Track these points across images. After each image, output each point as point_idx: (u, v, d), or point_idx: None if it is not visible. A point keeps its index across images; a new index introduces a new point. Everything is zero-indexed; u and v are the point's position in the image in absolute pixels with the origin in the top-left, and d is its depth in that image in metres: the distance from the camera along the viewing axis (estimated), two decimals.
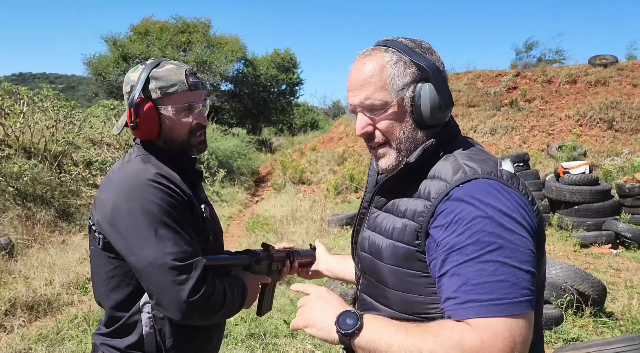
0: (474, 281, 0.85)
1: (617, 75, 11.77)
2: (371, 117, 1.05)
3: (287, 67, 27.03)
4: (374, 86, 1.03)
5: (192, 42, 23.64)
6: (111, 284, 1.26)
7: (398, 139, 1.05)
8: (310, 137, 18.73)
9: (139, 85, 1.25)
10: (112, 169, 1.31)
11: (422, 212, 0.97)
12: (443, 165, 1.01)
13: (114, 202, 1.18)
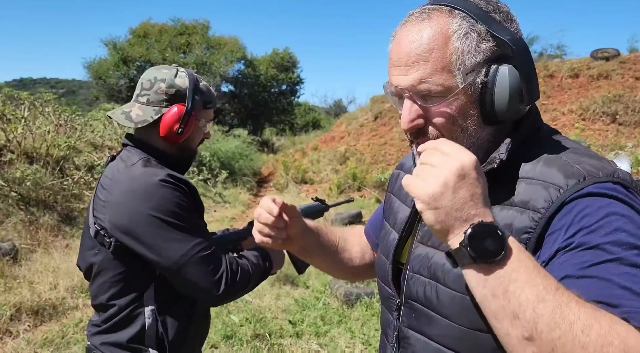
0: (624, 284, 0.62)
1: (619, 68, 11.70)
2: (424, 105, 0.79)
3: (286, 66, 27.04)
4: (432, 65, 0.76)
5: (192, 44, 23.67)
6: (118, 285, 1.27)
7: (457, 137, 0.79)
8: (311, 136, 18.71)
9: (190, 94, 1.32)
10: (112, 171, 1.30)
11: (527, 227, 0.72)
12: (543, 164, 0.77)
13: (132, 207, 1.20)
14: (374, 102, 15.58)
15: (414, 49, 0.77)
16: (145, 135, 1.34)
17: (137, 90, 1.35)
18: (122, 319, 1.27)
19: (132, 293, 1.27)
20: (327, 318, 4.06)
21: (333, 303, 4.35)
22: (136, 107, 1.32)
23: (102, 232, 1.24)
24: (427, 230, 0.86)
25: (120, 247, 1.23)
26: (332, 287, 4.55)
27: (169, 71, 1.34)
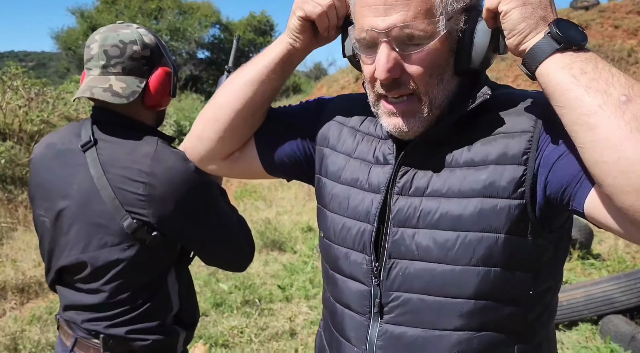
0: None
1: (598, 17, 11.64)
2: (402, 53, 0.73)
3: (264, 30, 26.40)
4: (416, 6, 0.70)
5: (163, 9, 22.84)
6: (147, 273, 1.22)
7: (434, 89, 0.76)
8: (292, 101, 18.45)
9: (165, 51, 1.24)
10: (120, 158, 1.16)
11: (524, 149, 0.73)
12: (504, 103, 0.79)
13: (178, 199, 1.15)
14: None
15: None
16: (125, 108, 1.19)
17: (101, 60, 1.16)
18: (151, 305, 1.24)
19: (159, 279, 1.25)
20: (316, 281, 4.09)
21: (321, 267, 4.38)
22: (113, 80, 1.16)
23: (144, 227, 1.15)
24: (405, 181, 0.81)
25: (162, 239, 1.18)
26: (319, 250, 4.57)
27: (131, 30, 1.19)
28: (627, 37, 10.69)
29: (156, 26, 21.87)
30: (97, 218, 1.16)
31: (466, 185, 0.76)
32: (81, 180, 1.17)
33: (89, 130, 1.19)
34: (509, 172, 0.74)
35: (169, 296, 1.26)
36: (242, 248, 1.30)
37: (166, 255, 1.24)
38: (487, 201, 0.75)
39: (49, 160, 1.24)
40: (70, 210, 1.19)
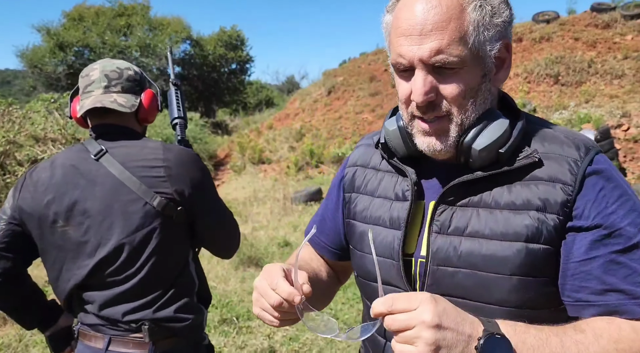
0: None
1: (559, 30, 12.10)
2: (438, 77, 0.78)
3: (235, 45, 26.38)
4: (450, 34, 0.75)
5: (132, 26, 22.61)
6: (176, 256, 1.41)
7: (467, 111, 0.80)
8: (266, 115, 18.47)
9: (149, 78, 1.52)
10: (132, 155, 1.37)
11: (564, 200, 0.77)
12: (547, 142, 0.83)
13: (191, 175, 1.40)
14: (327, 76, 15.49)
15: (430, 17, 0.75)
16: (122, 121, 1.44)
17: (102, 83, 1.41)
18: (181, 283, 1.41)
19: (184, 257, 1.43)
20: None
21: None
22: (116, 96, 1.40)
23: (170, 203, 1.35)
24: (444, 217, 0.84)
25: (185, 213, 1.38)
26: None
27: (122, 62, 1.47)
28: (586, 49, 11.13)
29: (125, 43, 21.62)
30: (126, 206, 1.34)
31: (510, 229, 0.78)
32: (102, 181, 1.35)
33: (94, 143, 1.39)
34: (552, 220, 0.77)
35: (192, 273, 1.45)
36: (238, 234, 1.55)
37: (187, 233, 1.44)
38: (532, 246, 0.77)
39: (63, 177, 1.37)
40: (97, 210, 1.34)
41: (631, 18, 11.51)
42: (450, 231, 0.83)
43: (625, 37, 11.13)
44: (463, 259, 0.81)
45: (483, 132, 0.81)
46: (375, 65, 14.38)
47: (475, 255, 0.80)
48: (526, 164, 0.79)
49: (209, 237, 1.50)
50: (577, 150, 0.80)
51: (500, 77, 0.84)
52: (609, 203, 0.75)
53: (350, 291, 4.07)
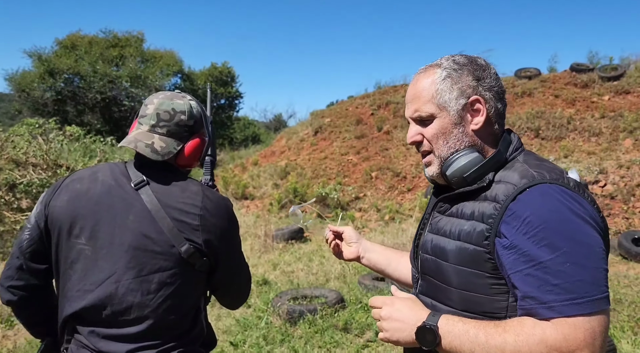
0: (553, 282, 0.90)
1: (540, 86, 12.58)
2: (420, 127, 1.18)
3: (225, 80, 26.78)
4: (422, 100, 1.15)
5: (125, 57, 22.85)
6: (188, 303, 1.38)
7: (439, 147, 1.15)
8: (251, 151, 18.52)
9: (207, 124, 1.51)
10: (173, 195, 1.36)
11: (492, 214, 1.01)
12: (511, 171, 1.06)
13: (224, 230, 1.39)
14: (314, 116, 15.71)
15: (413, 92, 1.16)
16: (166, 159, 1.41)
17: (151, 120, 1.39)
18: (193, 329, 1.40)
19: (197, 304, 1.42)
20: (270, 337, 3.97)
21: (276, 322, 4.27)
22: (157, 139, 1.37)
23: (197, 253, 1.34)
24: (435, 222, 1.17)
25: (208, 264, 1.37)
26: (274, 305, 4.47)
27: (184, 101, 1.43)
28: (566, 106, 11.56)
29: (117, 73, 21.76)
30: (153, 246, 1.31)
31: (456, 231, 1.08)
32: (136, 213, 1.32)
33: (137, 172, 1.38)
34: (481, 228, 1.03)
35: (202, 322, 1.45)
36: (249, 286, 1.58)
37: (205, 281, 1.43)
38: (464, 245, 1.06)
39: (100, 194, 1.35)
40: (122, 240, 1.31)
41: (608, 80, 12.05)
42: (433, 231, 1.17)
43: (602, 97, 11.61)
44: (431, 249, 1.15)
45: (453, 163, 1.10)
46: (362, 108, 14.67)
47: (437, 246, 1.13)
48: (480, 186, 1.06)
49: (222, 288, 1.49)
50: (522, 179, 1.01)
51: (475, 121, 1.12)
52: (521, 227, 0.95)
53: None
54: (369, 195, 10.43)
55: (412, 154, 11.50)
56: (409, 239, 6.83)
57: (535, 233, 0.93)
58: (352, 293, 4.95)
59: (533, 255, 0.93)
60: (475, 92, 1.11)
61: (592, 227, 0.95)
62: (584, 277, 0.89)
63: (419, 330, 1.00)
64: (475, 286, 1.04)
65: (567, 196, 0.96)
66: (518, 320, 0.94)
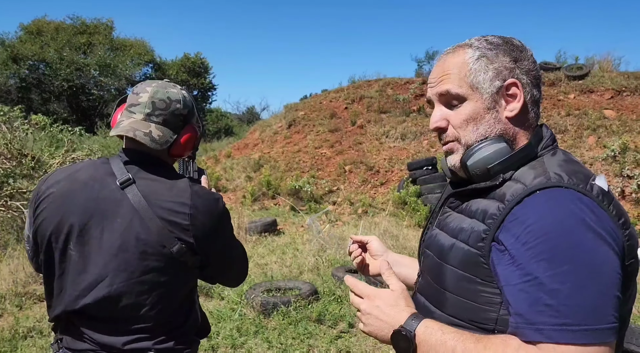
0: (548, 302, 0.78)
1: None
2: (448, 110, 1.08)
3: (198, 71, 26.39)
4: (453, 79, 1.03)
5: (94, 44, 22.23)
6: (182, 297, 1.39)
7: (468, 134, 1.04)
8: (224, 143, 18.34)
9: (196, 112, 1.48)
10: (160, 192, 1.32)
11: (493, 214, 0.90)
12: (530, 169, 0.93)
13: (215, 227, 1.37)
14: (288, 109, 15.66)
15: (440, 71, 1.02)
16: (155, 152, 1.38)
17: (147, 109, 1.34)
18: (189, 320, 1.41)
19: (190, 298, 1.44)
20: (244, 329, 3.97)
21: (249, 314, 4.27)
22: (153, 127, 1.34)
23: (189, 251, 1.32)
24: (443, 217, 1.08)
25: (200, 260, 1.36)
26: (248, 297, 4.46)
27: (177, 90, 1.40)
28: None
29: (84, 60, 21.14)
30: (144, 247, 1.28)
31: (456, 227, 0.99)
32: (124, 214, 1.29)
33: (123, 169, 1.34)
34: (480, 228, 0.92)
35: (197, 312, 1.46)
36: (246, 266, 1.57)
37: (197, 275, 1.44)
38: (460, 244, 0.96)
39: (84, 197, 1.31)
40: (111, 243, 1.28)
41: (574, 79, 12.44)
42: (440, 226, 1.07)
43: (568, 95, 11.98)
44: (433, 246, 1.06)
45: (477, 152, 0.98)
46: (336, 102, 14.71)
47: (437, 243, 1.04)
48: (492, 184, 0.95)
49: (218, 276, 1.50)
50: (535, 179, 0.89)
51: (510, 107, 0.99)
52: (521, 235, 0.83)
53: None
54: (343, 189, 10.50)
55: (385, 148, 11.63)
56: (382, 233, 6.92)
57: (536, 245, 0.81)
58: (326, 285, 4.99)
59: (529, 269, 0.81)
60: (512, 75, 0.98)
61: (607, 245, 0.80)
62: (585, 302, 0.77)
63: (394, 334, 0.92)
64: (466, 291, 0.93)
65: (582, 205, 0.82)
66: (502, 338, 0.83)
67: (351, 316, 4.21)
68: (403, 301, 0.97)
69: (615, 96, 11.58)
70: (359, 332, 3.96)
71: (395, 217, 8.35)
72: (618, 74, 12.34)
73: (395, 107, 13.58)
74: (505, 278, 0.85)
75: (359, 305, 1.00)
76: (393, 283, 1.00)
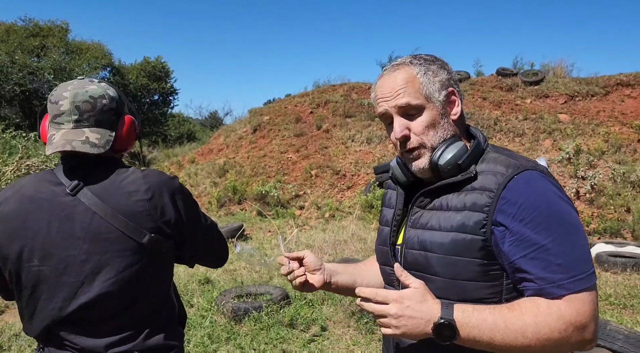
0: (557, 262, 0.97)
1: (470, 89, 13.25)
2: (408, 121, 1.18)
3: (159, 76, 25.84)
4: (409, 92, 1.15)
5: (48, 47, 21.40)
6: (162, 287, 1.36)
7: (431, 139, 1.16)
8: (187, 149, 18.00)
9: (127, 101, 1.41)
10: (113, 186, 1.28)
11: (486, 202, 1.04)
12: (491, 162, 1.10)
13: (177, 204, 1.32)
14: (253, 114, 15.55)
15: (395, 85, 1.14)
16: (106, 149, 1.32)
17: (73, 115, 1.26)
18: (169, 309, 1.38)
19: (169, 284, 1.40)
20: (215, 336, 3.90)
21: (220, 320, 4.19)
22: (88, 132, 1.27)
23: (160, 237, 1.28)
24: (416, 217, 1.17)
25: (173, 244, 1.33)
26: (218, 303, 4.38)
27: (97, 86, 1.32)
28: (493, 108, 12.27)
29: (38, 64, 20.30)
30: (112, 245, 1.24)
31: (448, 224, 1.09)
32: (82, 218, 1.24)
33: (69, 176, 1.28)
34: (475, 217, 1.05)
35: (173, 298, 1.42)
36: (225, 243, 1.52)
37: (173, 260, 1.40)
38: (459, 235, 1.07)
39: (34, 213, 1.26)
40: (78, 249, 1.24)
41: (530, 84, 12.94)
42: (417, 226, 1.16)
43: (525, 100, 12.45)
44: (420, 244, 1.13)
45: (444, 152, 1.12)
46: (301, 107, 14.72)
47: (427, 241, 1.12)
48: (466, 177, 1.09)
49: (196, 259, 1.47)
50: (506, 168, 1.06)
51: (453, 112, 1.17)
52: (517, 214, 1.00)
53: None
54: (309, 193, 10.50)
55: (351, 152, 11.71)
56: (350, 236, 6.96)
57: (532, 219, 0.99)
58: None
59: (533, 239, 0.99)
60: (450, 84, 1.17)
61: (572, 206, 1.03)
62: (579, 255, 0.99)
63: (437, 326, 0.97)
64: (468, 274, 1.05)
65: (547, 181, 1.04)
66: (530, 300, 0.99)
67: (323, 319, 4.20)
68: (429, 295, 1.02)
69: (568, 101, 12.12)
70: (332, 335, 3.96)
71: (362, 220, 8.41)
72: (571, 80, 12.92)
73: (360, 111, 13.72)
74: (515, 252, 1.00)
75: (388, 310, 1.00)
76: (412, 281, 1.04)
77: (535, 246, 0.99)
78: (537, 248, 0.99)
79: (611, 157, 9.32)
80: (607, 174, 8.79)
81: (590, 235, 7.52)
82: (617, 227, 7.55)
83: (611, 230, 7.53)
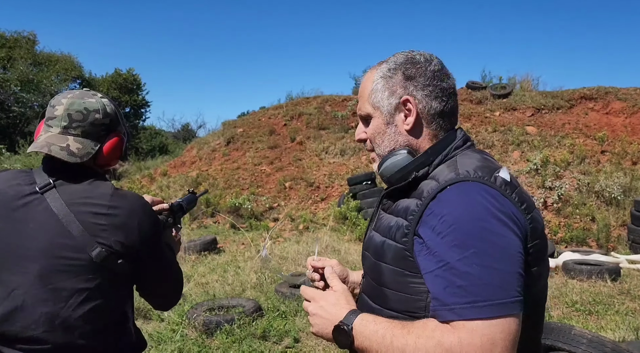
0: (458, 283, 0.87)
1: None
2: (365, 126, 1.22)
3: (130, 88, 25.54)
4: (361, 101, 1.18)
5: (14, 59, 20.92)
6: (110, 305, 1.30)
7: (379, 145, 1.16)
8: (159, 161, 17.73)
9: (123, 121, 1.43)
10: (86, 194, 1.28)
11: (413, 210, 0.99)
12: (443, 167, 1.03)
13: (140, 228, 1.29)
14: (226, 126, 15.49)
15: (360, 90, 1.17)
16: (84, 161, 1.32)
17: (63, 122, 1.30)
18: (113, 340, 1.30)
19: (122, 309, 1.34)
20: (186, 350, 3.82)
21: (191, 334, 4.11)
22: (71, 140, 1.29)
23: (111, 256, 1.24)
24: (379, 220, 1.14)
25: (126, 266, 1.28)
26: (189, 317, 4.30)
27: (96, 99, 1.35)
28: (463, 120, 12.54)
29: (4, 75, 19.80)
30: (62, 251, 1.21)
31: (385, 227, 1.08)
32: (41, 219, 1.23)
33: (44, 175, 1.29)
34: (402, 224, 1.02)
35: (130, 327, 1.37)
36: (180, 285, 1.48)
37: (129, 284, 1.35)
38: (388, 241, 1.05)
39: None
40: (28, 248, 1.21)
41: (498, 97, 13.30)
42: (375, 227, 1.15)
43: (494, 113, 12.77)
44: (370, 247, 1.13)
45: (384, 163, 1.12)
46: (275, 119, 14.74)
47: (372, 244, 1.11)
48: (407, 183, 1.06)
49: (149, 290, 1.43)
50: (447, 176, 0.98)
51: (407, 121, 1.10)
52: (437, 226, 0.92)
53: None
54: (283, 205, 10.47)
55: (325, 164, 11.76)
56: (324, 247, 6.95)
57: (448, 233, 0.90)
58: (270, 301, 4.92)
59: (443, 255, 0.89)
60: (406, 92, 1.09)
61: (509, 228, 0.89)
62: (491, 280, 0.85)
63: (334, 329, 0.99)
64: (400, 285, 1.00)
65: (487, 195, 0.91)
66: (423, 321, 0.92)
67: (296, 331, 4.17)
68: (344, 299, 1.05)
69: (535, 113, 12.49)
70: (305, 347, 3.93)
71: (336, 232, 8.42)
72: (537, 93, 13.35)
73: (334, 123, 13.82)
74: (424, 267, 0.94)
75: (306, 307, 1.08)
76: (335, 284, 1.11)
77: (442, 263, 0.89)
78: (443, 265, 0.89)
79: (576, 167, 9.62)
80: (572, 184, 9.07)
81: (557, 244, 7.72)
82: (583, 235, 7.78)
83: (577, 239, 7.75)
